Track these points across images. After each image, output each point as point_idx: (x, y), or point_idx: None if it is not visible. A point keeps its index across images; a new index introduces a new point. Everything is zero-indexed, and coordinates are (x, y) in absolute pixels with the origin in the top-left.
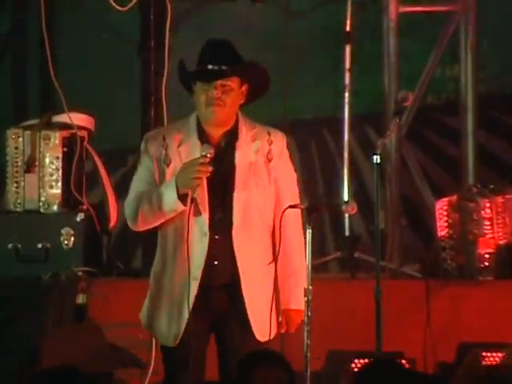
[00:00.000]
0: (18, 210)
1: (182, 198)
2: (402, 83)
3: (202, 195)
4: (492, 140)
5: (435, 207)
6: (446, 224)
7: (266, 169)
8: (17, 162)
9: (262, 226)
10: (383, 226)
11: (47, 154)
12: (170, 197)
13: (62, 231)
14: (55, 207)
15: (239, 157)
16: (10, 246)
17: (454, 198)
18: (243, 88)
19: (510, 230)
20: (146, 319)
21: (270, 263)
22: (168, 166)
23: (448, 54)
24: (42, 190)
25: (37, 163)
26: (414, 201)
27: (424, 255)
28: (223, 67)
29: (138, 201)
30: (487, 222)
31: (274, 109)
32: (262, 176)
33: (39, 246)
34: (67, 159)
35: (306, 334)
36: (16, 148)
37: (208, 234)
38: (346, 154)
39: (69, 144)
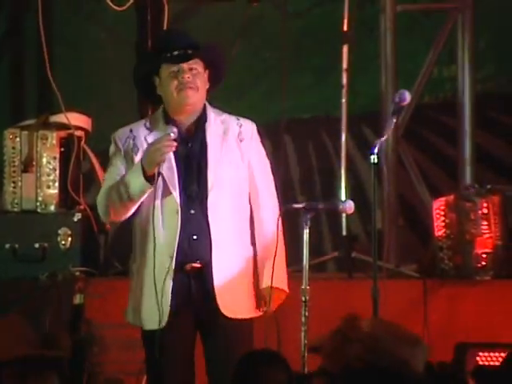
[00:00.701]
0: (15, 209)
1: (149, 179)
2: (400, 83)
3: (171, 174)
4: (489, 140)
5: (432, 207)
6: (443, 224)
7: (239, 149)
8: (14, 162)
9: (238, 206)
10: (380, 226)
11: (44, 154)
12: (136, 180)
13: (59, 231)
14: (52, 207)
15: (210, 136)
16: (7, 246)
17: (452, 197)
18: (206, 72)
19: (509, 229)
20: (131, 313)
21: (247, 246)
22: (136, 154)
23: (445, 53)
24: (39, 190)
25: (34, 163)
26: (412, 200)
27: (421, 255)
28: (188, 51)
29: (107, 194)
30: (484, 222)
31: (272, 108)
32: (235, 155)
33: (36, 245)
34: (64, 159)
35: (303, 333)
36: (13, 148)
37: (180, 210)
38: (343, 154)
39: (66, 144)
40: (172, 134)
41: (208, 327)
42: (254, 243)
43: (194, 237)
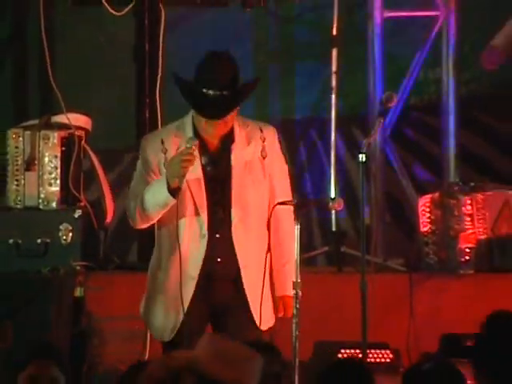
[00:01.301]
0: (19, 206)
1: (173, 191)
2: (387, 85)
3: (201, 195)
4: (473, 139)
5: (418, 204)
6: (428, 220)
7: (261, 165)
8: (17, 161)
9: (259, 221)
10: (368, 222)
11: (46, 153)
12: (160, 191)
13: (61, 227)
14: (54, 204)
15: (235, 158)
16: (10, 241)
17: (436, 195)
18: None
19: (491, 225)
20: (144, 314)
21: (266, 254)
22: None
23: (430, 57)
24: (41, 188)
25: (36, 162)
26: (398, 198)
27: (407, 250)
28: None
29: (135, 202)
30: (468, 218)
31: (264, 109)
32: (258, 173)
33: (39, 241)
34: (65, 158)
35: (294, 325)
36: (16, 147)
37: (207, 234)
38: (332, 153)
39: (67, 143)
40: (193, 147)
41: (227, 321)
42: (269, 250)
43: (219, 259)
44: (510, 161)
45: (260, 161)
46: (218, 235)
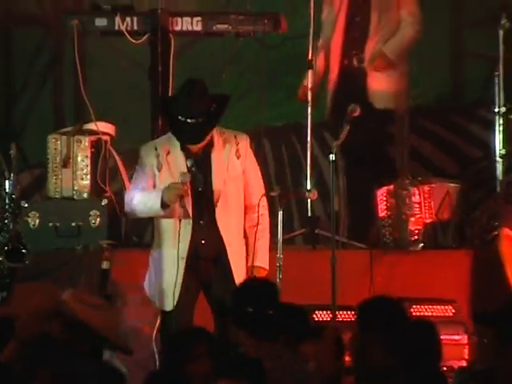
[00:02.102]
0: (57, 196)
1: (164, 206)
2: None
3: (188, 200)
4: (421, 142)
5: (377, 194)
6: (385, 207)
7: (236, 164)
8: (55, 160)
9: (237, 208)
10: (337, 209)
11: (79, 154)
12: (155, 204)
13: (91, 213)
14: (85, 195)
15: (214, 159)
16: (50, 224)
17: (391, 187)
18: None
19: (435, 211)
20: (148, 289)
21: (244, 235)
22: (159, 170)
23: None
24: (75, 182)
25: (71, 161)
26: (361, 189)
27: (368, 231)
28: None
29: (134, 201)
30: (416, 206)
31: (254, 118)
32: (234, 170)
33: (73, 224)
34: (94, 158)
35: None
36: (55, 149)
37: (191, 222)
38: (308, 154)
39: (95, 146)
40: (187, 183)
41: (214, 290)
42: (245, 231)
43: (203, 241)
44: (448, 160)
45: (235, 160)
46: (201, 222)
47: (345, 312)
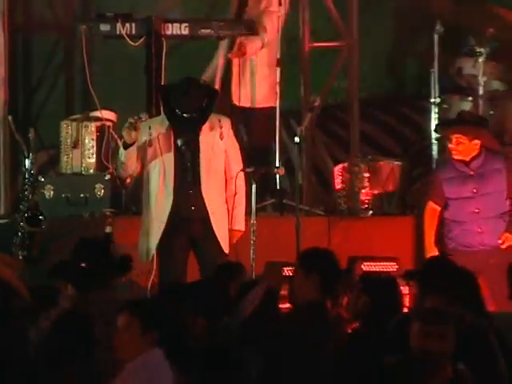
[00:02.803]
0: (68, 172)
1: (125, 145)
2: (313, 91)
3: (170, 169)
4: (370, 128)
5: (334, 170)
6: (340, 181)
7: (220, 143)
8: (67, 142)
9: (219, 181)
10: (301, 182)
11: (86, 137)
12: (121, 148)
13: (96, 186)
14: (91, 171)
15: (202, 140)
16: (62, 195)
17: (346, 164)
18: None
19: (381, 184)
20: (140, 247)
21: (226, 203)
22: (150, 146)
23: (342, 71)
24: (83, 160)
25: (80, 143)
26: (321, 166)
27: (327, 201)
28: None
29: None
30: (366, 180)
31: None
32: (219, 148)
33: (81, 195)
34: (99, 140)
35: (251, 251)
36: (66, 133)
37: (172, 192)
38: (277, 137)
39: (100, 130)
40: (140, 118)
41: (201, 248)
42: (227, 200)
43: (193, 208)
44: (393, 142)
45: (219, 141)
46: (191, 191)
47: None
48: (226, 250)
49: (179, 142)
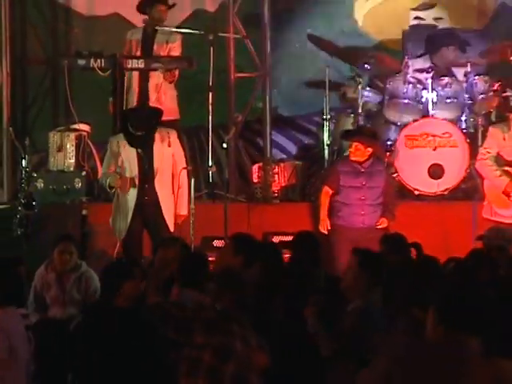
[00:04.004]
0: (54, 169)
1: (110, 187)
2: (237, 110)
3: (134, 169)
4: (280, 138)
5: (252, 168)
6: (257, 176)
7: (169, 150)
8: (54, 147)
9: (168, 179)
10: (228, 177)
11: (68, 143)
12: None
13: (75, 179)
14: (72, 168)
15: (155, 150)
16: (50, 187)
17: (261, 164)
18: None
19: (287, 179)
20: (112, 225)
21: (172, 194)
22: (119, 156)
23: (259, 95)
24: (65, 160)
25: (63, 147)
26: (242, 165)
27: (247, 191)
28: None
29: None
30: (276, 176)
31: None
32: (168, 154)
33: (64, 187)
34: (77, 146)
35: (191, 229)
36: (53, 140)
37: (138, 186)
38: (210, 144)
39: (78, 139)
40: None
41: (152, 227)
42: (173, 191)
43: (146, 198)
44: (296, 147)
45: (167, 148)
46: (146, 186)
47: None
48: (172, 229)
49: (139, 150)
